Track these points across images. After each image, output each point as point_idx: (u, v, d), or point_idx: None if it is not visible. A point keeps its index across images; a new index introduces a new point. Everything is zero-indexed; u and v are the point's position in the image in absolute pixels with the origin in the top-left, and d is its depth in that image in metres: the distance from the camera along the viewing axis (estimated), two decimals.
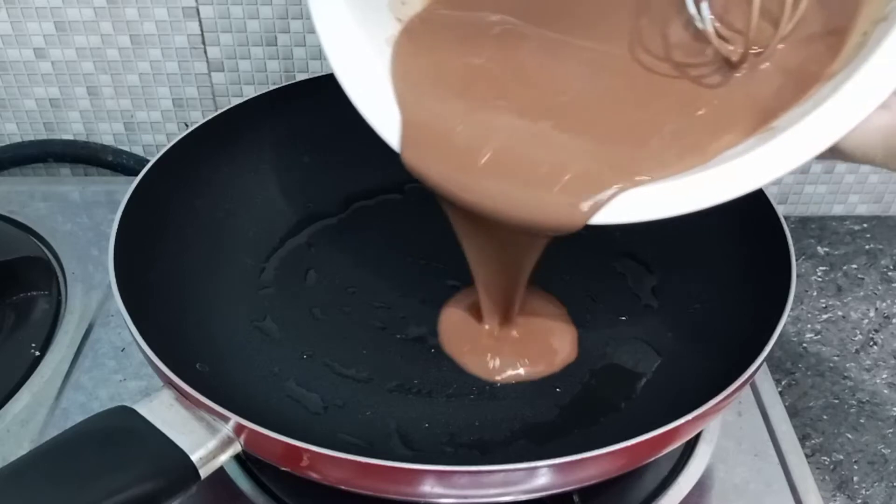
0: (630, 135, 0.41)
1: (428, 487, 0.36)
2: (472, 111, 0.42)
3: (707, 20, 0.40)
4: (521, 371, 0.48)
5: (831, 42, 0.38)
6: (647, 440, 0.36)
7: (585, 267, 0.54)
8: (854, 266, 0.65)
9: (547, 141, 0.41)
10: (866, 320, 0.61)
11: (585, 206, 0.39)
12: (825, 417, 0.54)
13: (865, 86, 0.34)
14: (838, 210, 0.72)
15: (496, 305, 0.49)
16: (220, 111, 0.54)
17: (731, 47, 0.40)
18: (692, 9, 0.40)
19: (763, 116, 0.38)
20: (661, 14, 0.42)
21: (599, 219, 0.39)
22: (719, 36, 0.40)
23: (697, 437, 0.47)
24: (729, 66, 0.40)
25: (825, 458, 0.52)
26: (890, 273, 0.65)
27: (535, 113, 0.42)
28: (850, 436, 0.53)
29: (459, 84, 0.43)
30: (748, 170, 0.36)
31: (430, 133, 0.42)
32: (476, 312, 0.50)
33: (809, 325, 0.60)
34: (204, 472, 0.37)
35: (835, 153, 0.35)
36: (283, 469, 0.38)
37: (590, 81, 0.43)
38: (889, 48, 0.34)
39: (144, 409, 0.37)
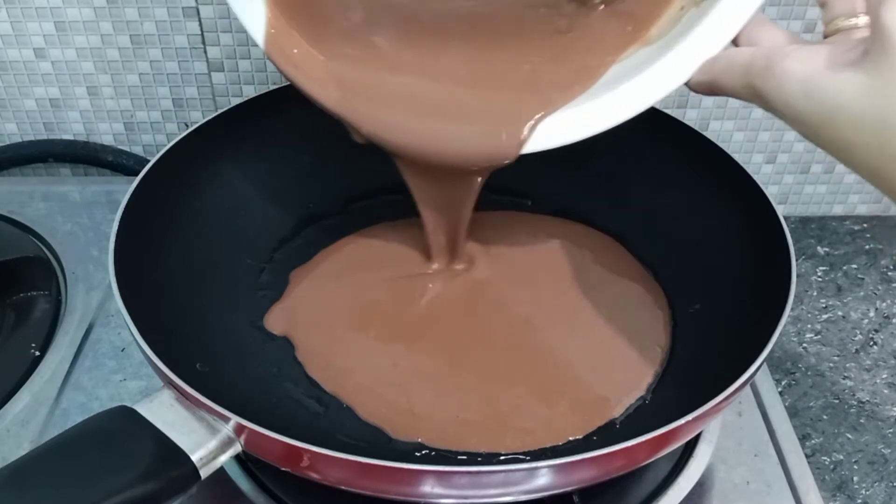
0: (523, 77, 0.45)
1: (428, 488, 0.36)
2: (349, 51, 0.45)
3: None
4: None
5: (651, 10, 0.43)
6: (647, 440, 0.36)
7: None
8: (854, 266, 0.65)
9: (432, 89, 0.45)
10: (866, 320, 0.61)
11: (517, 134, 0.43)
12: (825, 417, 0.54)
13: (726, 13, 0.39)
14: (838, 210, 0.72)
15: (444, 241, 0.51)
16: (220, 111, 0.54)
17: None
18: None
19: (622, 42, 0.44)
20: None
21: (531, 146, 0.44)
22: None
23: (697, 437, 0.47)
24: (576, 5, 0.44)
25: (825, 458, 0.52)
26: (890, 273, 0.65)
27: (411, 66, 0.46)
28: (850, 436, 0.53)
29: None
30: (637, 92, 0.42)
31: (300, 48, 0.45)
32: None
33: (809, 325, 0.60)
34: (204, 473, 0.37)
35: (714, 88, 0.38)
36: (283, 469, 0.38)
37: (466, 38, 0.46)
38: None
39: (144, 409, 0.37)
